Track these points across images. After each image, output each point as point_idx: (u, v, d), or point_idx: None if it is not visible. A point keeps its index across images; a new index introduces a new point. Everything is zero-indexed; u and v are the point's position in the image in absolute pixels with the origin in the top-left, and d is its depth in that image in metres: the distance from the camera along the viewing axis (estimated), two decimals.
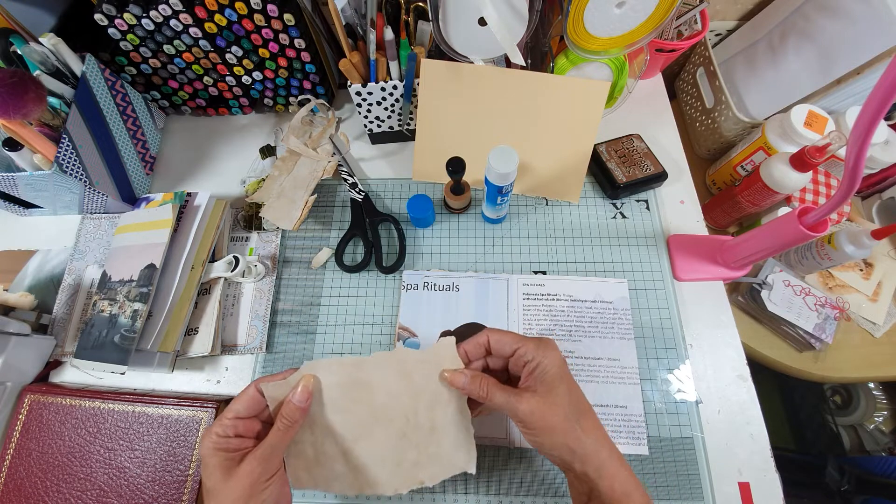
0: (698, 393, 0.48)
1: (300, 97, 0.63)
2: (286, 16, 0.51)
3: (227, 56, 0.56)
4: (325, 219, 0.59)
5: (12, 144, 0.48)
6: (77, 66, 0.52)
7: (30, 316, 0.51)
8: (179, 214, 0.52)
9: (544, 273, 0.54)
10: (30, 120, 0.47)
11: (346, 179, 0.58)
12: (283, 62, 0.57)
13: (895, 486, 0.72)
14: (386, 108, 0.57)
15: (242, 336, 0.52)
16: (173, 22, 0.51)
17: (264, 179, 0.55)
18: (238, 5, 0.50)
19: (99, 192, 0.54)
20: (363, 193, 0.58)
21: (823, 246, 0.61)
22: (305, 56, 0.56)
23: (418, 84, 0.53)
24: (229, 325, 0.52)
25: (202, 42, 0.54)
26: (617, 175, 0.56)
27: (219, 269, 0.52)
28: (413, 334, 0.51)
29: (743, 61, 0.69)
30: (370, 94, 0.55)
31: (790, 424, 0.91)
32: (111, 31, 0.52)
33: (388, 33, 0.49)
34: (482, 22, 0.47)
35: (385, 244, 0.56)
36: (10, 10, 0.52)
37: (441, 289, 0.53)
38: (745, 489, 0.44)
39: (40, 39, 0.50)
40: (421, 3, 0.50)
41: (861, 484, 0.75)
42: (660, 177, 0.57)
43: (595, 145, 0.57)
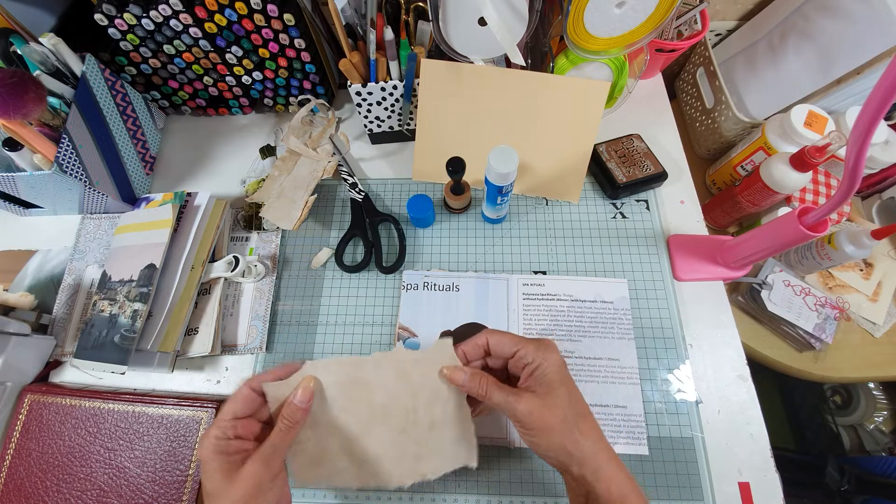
0: (698, 393, 0.48)
1: (300, 97, 0.63)
2: (286, 16, 0.51)
3: (227, 56, 0.56)
4: (325, 219, 0.59)
5: (12, 144, 0.48)
6: (77, 66, 0.52)
7: (30, 316, 0.51)
8: (179, 214, 0.52)
9: (544, 273, 0.54)
10: (30, 120, 0.47)
11: (346, 179, 0.58)
12: (283, 62, 0.57)
13: (895, 486, 0.72)
14: (386, 108, 0.57)
15: (242, 336, 0.52)
16: (173, 22, 0.51)
17: (264, 179, 0.55)
18: (238, 5, 0.50)
19: (99, 192, 0.54)
20: (363, 193, 0.58)
21: (823, 246, 0.61)
22: (305, 56, 0.56)
23: (418, 84, 0.53)
24: (229, 325, 0.52)
25: (202, 42, 0.54)
26: (617, 175, 0.56)
27: (219, 269, 0.52)
28: (413, 334, 0.51)
29: (743, 61, 0.69)
30: (370, 94, 0.55)
31: (790, 424, 0.91)
32: (111, 31, 0.52)
33: (388, 33, 0.49)
34: (482, 22, 0.47)
35: (385, 244, 0.57)
36: (10, 10, 0.52)
37: (441, 289, 0.53)
38: (745, 489, 0.44)
39: (40, 39, 0.50)
40: (421, 3, 0.50)
41: (861, 484, 0.75)
42: (660, 177, 0.57)
43: (595, 145, 0.57)
